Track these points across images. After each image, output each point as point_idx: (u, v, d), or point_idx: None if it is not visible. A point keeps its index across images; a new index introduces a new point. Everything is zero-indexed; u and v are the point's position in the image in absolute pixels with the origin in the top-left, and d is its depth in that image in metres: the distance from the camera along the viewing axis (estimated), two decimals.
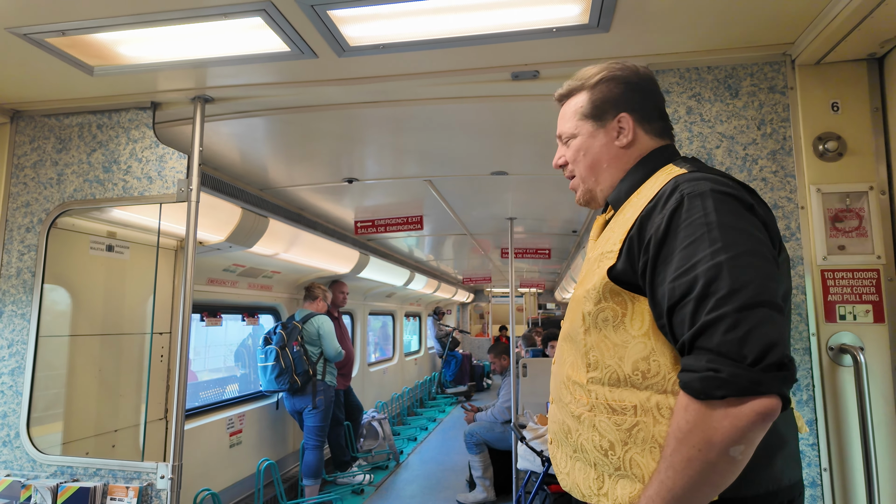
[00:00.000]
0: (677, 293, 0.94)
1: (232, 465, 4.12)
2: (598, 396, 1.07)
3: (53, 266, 2.25)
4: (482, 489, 4.74)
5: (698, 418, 0.88)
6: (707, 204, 0.96)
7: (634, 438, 1.01)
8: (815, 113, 1.69)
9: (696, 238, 0.94)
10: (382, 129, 2.50)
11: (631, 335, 1.04)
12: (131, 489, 1.87)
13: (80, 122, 2.19)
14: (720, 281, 0.90)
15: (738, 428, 0.85)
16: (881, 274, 1.59)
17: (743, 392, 0.85)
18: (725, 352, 0.86)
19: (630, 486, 1.02)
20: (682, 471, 0.89)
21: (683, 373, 0.92)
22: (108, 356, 2.76)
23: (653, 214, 1.02)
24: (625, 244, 1.05)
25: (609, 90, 1.20)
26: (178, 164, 2.07)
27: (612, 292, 1.05)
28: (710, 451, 0.87)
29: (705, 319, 0.89)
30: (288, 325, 4.59)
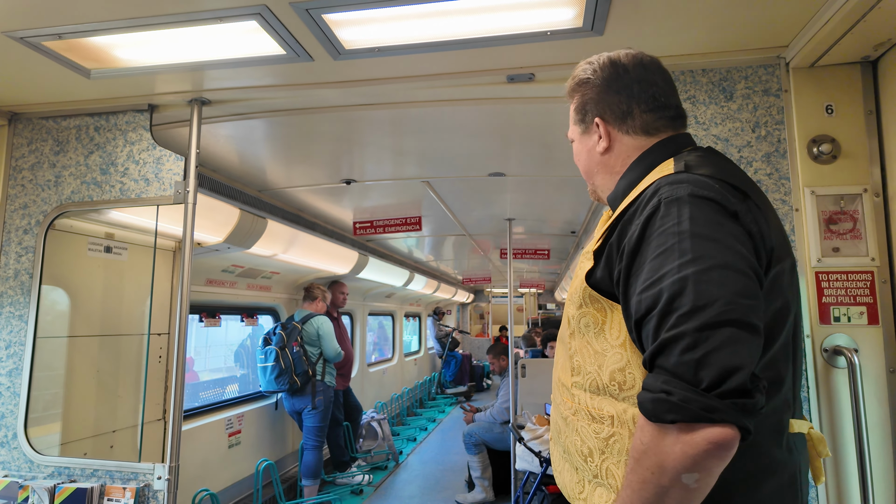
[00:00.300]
0: (643, 307, 0.88)
1: (231, 465, 4.12)
2: (581, 402, 1.04)
3: (52, 267, 2.26)
4: (481, 489, 4.75)
5: (652, 441, 0.83)
6: (682, 211, 0.89)
7: (611, 449, 0.97)
8: (809, 115, 1.69)
9: (666, 249, 0.88)
10: (380, 130, 2.51)
11: (610, 344, 0.99)
12: (128, 490, 1.88)
13: (77, 124, 2.19)
14: (683, 297, 0.83)
15: (689, 455, 0.79)
16: (875, 276, 1.60)
17: (693, 418, 0.78)
18: (680, 374, 0.80)
19: (606, 495, 0.98)
20: (637, 491, 0.85)
21: (642, 392, 0.86)
22: (106, 357, 2.76)
23: (633, 220, 0.96)
24: (604, 249, 1.00)
25: (583, 94, 1.16)
26: (175, 167, 2.08)
27: (591, 298, 1.01)
28: (663, 476, 0.81)
29: (664, 337, 0.83)
30: (287, 326, 4.60)
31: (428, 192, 3.57)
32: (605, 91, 1.12)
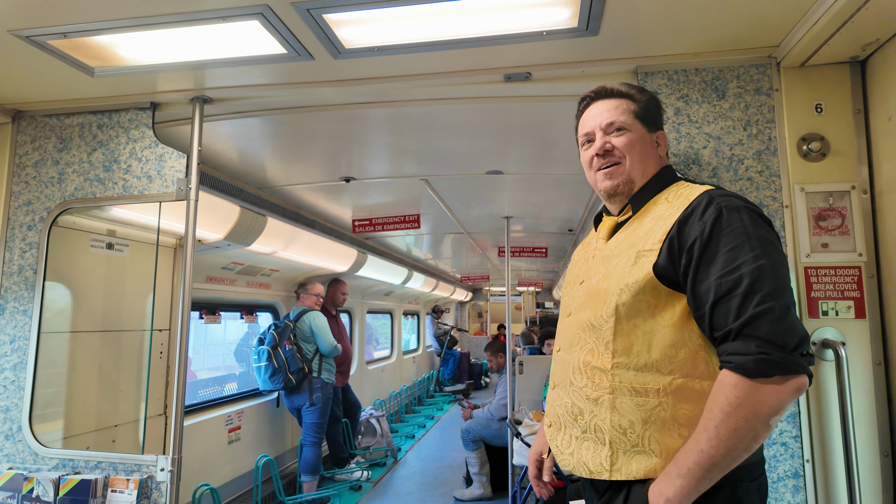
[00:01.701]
0: (724, 288, 1.10)
1: (230, 461, 4.16)
2: (622, 380, 1.20)
3: (54, 263, 2.28)
4: (479, 485, 4.79)
5: (748, 394, 1.04)
6: (743, 217, 1.15)
7: (655, 418, 1.16)
8: (799, 114, 1.73)
9: (739, 244, 1.12)
10: (379, 129, 2.54)
11: (661, 325, 1.19)
12: (132, 481, 1.91)
13: (80, 122, 2.22)
14: (763, 280, 1.08)
15: (781, 401, 1.04)
16: (863, 271, 1.64)
17: (788, 371, 1.04)
18: (772, 339, 1.05)
19: (646, 461, 1.16)
20: (726, 440, 1.05)
21: (733, 356, 1.07)
22: (108, 352, 2.80)
23: (691, 220, 1.19)
24: (664, 244, 1.20)
25: (656, 108, 1.42)
26: (177, 164, 2.11)
27: (651, 286, 1.19)
28: (756, 421, 1.04)
29: (754, 311, 1.06)
30: (279, 325, 4.61)
31: (426, 190, 3.60)
32: (660, 114, 1.44)
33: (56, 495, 1.92)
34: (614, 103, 1.38)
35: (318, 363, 4.69)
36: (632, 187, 1.35)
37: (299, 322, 4.65)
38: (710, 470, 1.07)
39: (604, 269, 1.30)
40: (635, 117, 1.36)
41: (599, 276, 1.30)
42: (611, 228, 1.39)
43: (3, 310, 2.15)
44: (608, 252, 1.33)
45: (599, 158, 1.37)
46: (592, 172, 1.40)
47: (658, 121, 1.42)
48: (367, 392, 7.15)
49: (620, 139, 1.35)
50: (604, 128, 1.36)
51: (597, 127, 1.37)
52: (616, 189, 1.35)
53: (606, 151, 1.35)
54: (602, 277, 1.29)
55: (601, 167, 1.37)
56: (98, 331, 2.74)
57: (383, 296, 8.34)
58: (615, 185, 1.35)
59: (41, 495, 1.93)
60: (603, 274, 1.29)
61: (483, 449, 4.81)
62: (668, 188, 1.33)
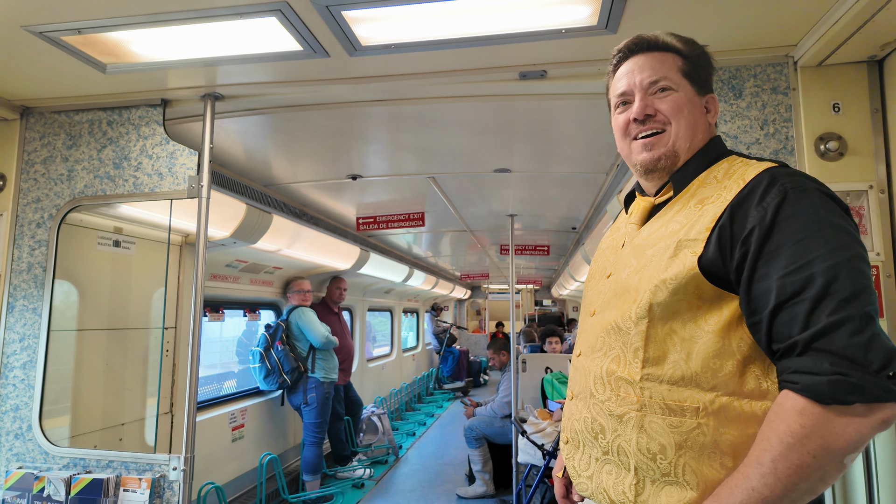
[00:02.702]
0: (789, 290, 0.89)
1: (234, 459, 4.15)
2: (653, 395, 1.01)
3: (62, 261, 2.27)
4: (482, 483, 4.80)
5: (818, 424, 0.83)
6: (815, 202, 0.93)
7: (692, 443, 0.96)
8: (816, 113, 1.73)
9: (809, 235, 0.90)
10: (387, 126, 2.53)
11: (704, 330, 0.99)
12: (144, 480, 1.90)
13: (90, 118, 2.20)
14: (840, 282, 0.86)
15: (862, 435, 0.83)
16: (881, 271, 1.64)
17: (874, 399, 0.82)
18: (851, 356, 0.83)
19: (679, 494, 0.97)
20: (786, 478, 0.84)
21: (799, 374, 0.87)
22: (114, 350, 2.78)
23: (747, 205, 0.97)
24: (713, 233, 0.98)
25: (707, 65, 1.17)
26: (188, 161, 2.09)
27: (695, 285, 0.99)
28: (826, 458, 0.83)
29: (828, 321, 0.85)
30: (271, 326, 4.59)
31: (432, 188, 3.59)
32: (711, 74, 1.19)
33: (67, 495, 1.91)
34: (658, 57, 1.13)
35: (313, 361, 4.67)
36: (675, 161, 1.12)
37: (289, 321, 4.63)
38: None
39: (636, 262, 1.09)
40: (683, 75, 1.12)
41: (630, 270, 1.10)
42: (645, 212, 1.17)
43: (13, 308, 2.13)
44: (642, 241, 1.12)
45: (638, 124, 1.13)
46: (627, 142, 1.16)
47: (709, 81, 1.17)
48: (368, 390, 7.15)
49: (666, 102, 1.11)
50: (645, 87, 1.12)
51: (636, 85, 1.13)
52: (656, 164, 1.12)
53: (648, 116, 1.12)
54: (633, 271, 1.08)
55: (640, 135, 1.13)
56: (105, 329, 2.72)
57: (383, 293, 8.33)
58: (655, 158, 1.12)
59: (52, 495, 1.92)
60: (635, 267, 1.09)
61: (486, 447, 4.82)
62: (717, 164, 1.10)
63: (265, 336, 4.50)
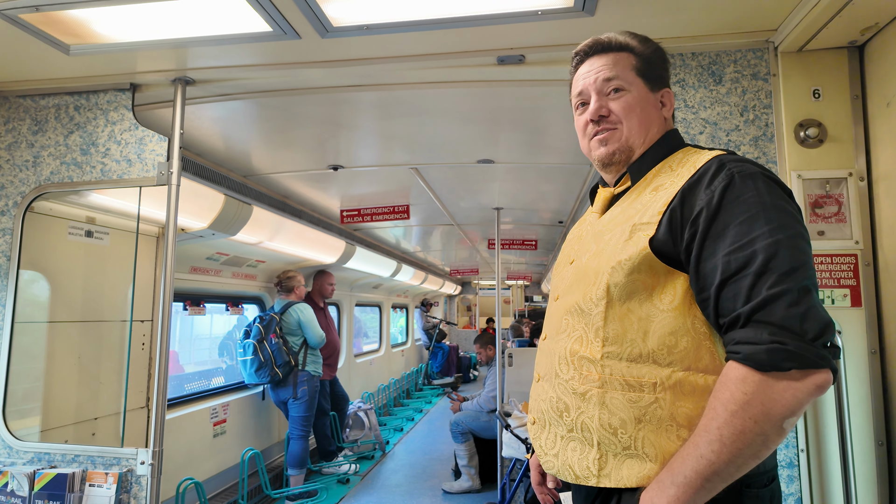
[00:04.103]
0: (733, 267, 0.95)
1: (216, 454, 4.09)
2: (614, 372, 1.05)
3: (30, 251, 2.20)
4: (467, 477, 4.77)
5: (758, 390, 0.89)
6: (759, 185, 0.99)
7: (650, 417, 1.01)
8: (796, 100, 1.70)
9: (752, 215, 0.96)
10: (368, 114, 2.48)
11: (659, 309, 1.03)
12: (111, 475, 1.85)
13: (56, 103, 2.14)
14: (779, 258, 0.92)
15: (798, 400, 0.88)
16: (859, 259, 1.62)
17: (808, 365, 0.88)
18: (788, 326, 0.89)
19: (639, 466, 1.02)
20: (730, 444, 0.90)
21: (741, 345, 0.92)
22: (87, 343, 2.71)
23: (697, 189, 1.02)
24: (664, 216, 1.04)
25: (661, 61, 1.22)
26: (158, 147, 2.04)
27: (648, 264, 1.04)
28: (767, 423, 0.89)
29: (767, 294, 0.90)
30: (265, 318, 4.53)
31: (416, 180, 3.55)
32: (666, 69, 1.24)
33: (31, 490, 1.85)
34: (612, 58, 1.19)
35: (304, 356, 4.63)
36: (630, 155, 1.18)
37: (285, 315, 4.57)
38: (709, 479, 0.92)
39: (595, 246, 1.15)
40: (637, 74, 1.18)
41: (590, 254, 1.15)
42: (606, 201, 1.23)
43: None
44: (601, 227, 1.18)
45: (594, 125, 1.19)
46: (587, 140, 1.23)
47: (664, 76, 1.23)
48: (356, 385, 7.10)
49: (618, 102, 1.17)
50: (598, 88, 1.18)
51: (591, 87, 1.19)
52: (611, 158, 1.19)
53: (602, 117, 1.18)
54: (593, 255, 1.14)
55: (595, 134, 1.20)
56: (77, 321, 2.65)
57: (372, 289, 8.28)
58: (610, 153, 1.18)
59: (15, 490, 1.86)
60: (594, 251, 1.14)
61: (472, 441, 4.80)
62: (672, 155, 1.16)
63: (259, 328, 4.43)
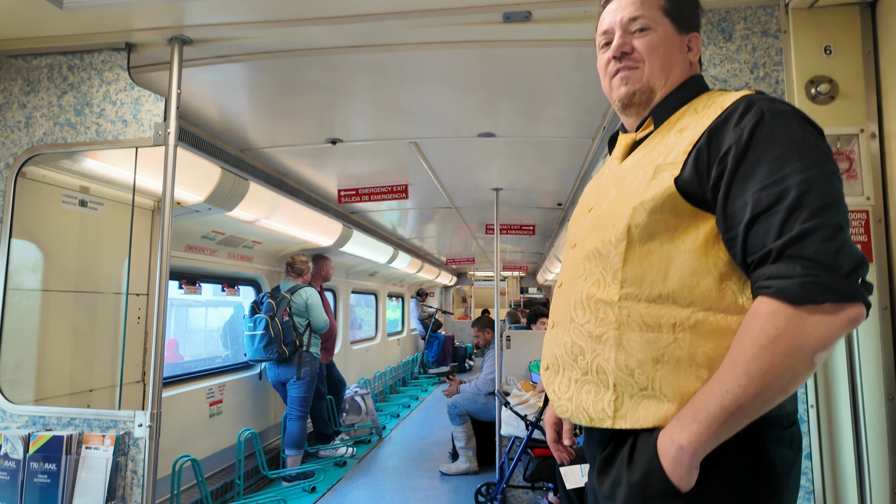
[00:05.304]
0: (764, 202, 0.93)
1: (212, 434, 4.06)
2: (632, 313, 1.03)
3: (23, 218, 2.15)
4: (465, 459, 4.77)
5: (790, 324, 0.87)
6: (790, 123, 0.97)
7: (668, 357, 1.00)
8: (807, 57, 1.68)
9: (784, 152, 0.94)
10: (367, 80, 2.43)
11: (681, 250, 1.02)
12: (108, 437, 1.81)
13: (49, 63, 2.08)
14: (813, 194, 0.90)
15: (831, 333, 0.87)
16: (870, 215, 1.60)
17: (842, 299, 0.86)
18: (822, 260, 0.87)
19: (656, 407, 1.00)
20: (758, 378, 0.88)
21: (773, 279, 0.90)
22: (82, 314, 2.67)
23: (724, 128, 1.00)
24: (690, 155, 1.02)
25: (691, 5, 1.20)
26: (154, 107, 1.99)
27: (672, 204, 1.02)
28: (797, 357, 0.87)
29: (801, 228, 0.89)
30: (276, 296, 4.54)
31: (415, 157, 3.51)
32: (696, 13, 1.21)
33: (26, 452, 1.81)
34: None
35: (308, 338, 4.65)
36: (651, 97, 1.16)
37: (294, 296, 4.60)
38: (734, 414, 0.90)
39: (616, 191, 1.12)
40: (664, 14, 1.15)
41: (610, 199, 1.12)
42: (627, 147, 1.21)
43: None
44: (622, 173, 1.15)
45: (615, 62, 1.16)
46: (608, 79, 1.20)
47: (693, 20, 1.20)
48: (352, 372, 7.08)
49: (642, 40, 1.14)
50: (624, 25, 1.15)
51: (616, 24, 1.16)
52: (632, 98, 1.16)
53: (624, 54, 1.15)
54: (613, 200, 1.11)
55: (616, 72, 1.17)
56: (71, 291, 2.60)
57: (368, 276, 8.24)
58: (630, 92, 1.15)
59: (10, 453, 1.82)
60: (614, 196, 1.12)
61: (469, 423, 4.79)
62: (697, 98, 1.13)
63: (271, 303, 4.44)
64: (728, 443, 0.94)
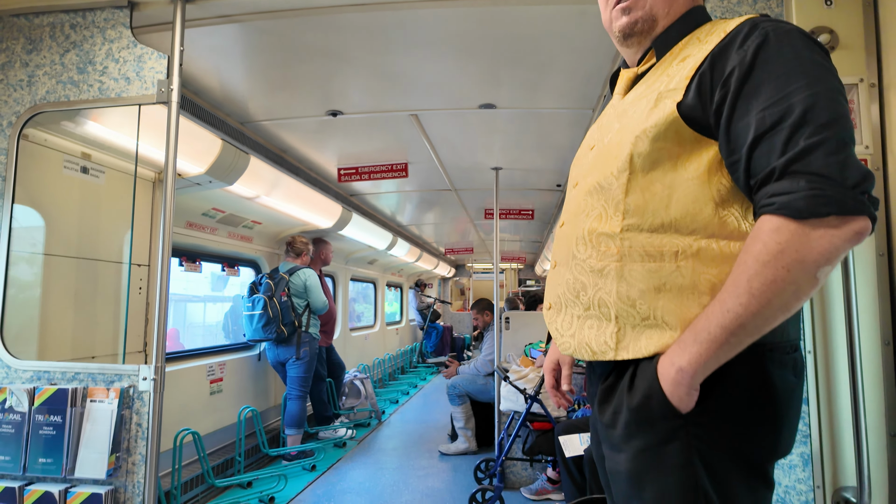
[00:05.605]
0: (768, 122, 0.91)
1: (213, 412, 4.07)
2: (633, 244, 1.03)
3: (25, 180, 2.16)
4: (464, 439, 4.79)
5: (793, 238, 0.86)
6: (795, 42, 0.94)
7: (670, 285, 0.99)
8: (808, 7, 1.69)
9: (788, 71, 0.92)
10: (367, 44, 2.43)
11: (683, 178, 1.01)
12: (112, 390, 1.82)
13: (51, 21, 2.08)
14: (818, 110, 0.88)
15: (835, 246, 0.85)
16: (869, 163, 1.62)
17: (848, 210, 0.84)
18: (828, 174, 0.85)
19: (658, 335, 0.99)
20: (759, 295, 0.87)
21: (776, 196, 0.88)
22: (83, 281, 2.67)
23: (728, 50, 0.98)
24: (693, 80, 1.00)
25: None
26: (157, 65, 1.99)
27: (674, 131, 1.01)
28: (800, 272, 0.85)
29: (806, 143, 0.87)
30: (275, 276, 4.55)
31: (415, 132, 3.52)
32: None
33: (31, 405, 1.82)
34: None
35: (307, 319, 4.67)
36: (652, 26, 1.14)
37: (293, 277, 4.61)
38: (734, 333, 0.89)
39: (618, 125, 1.11)
40: None
41: (613, 133, 1.11)
42: (629, 82, 1.19)
43: None
44: (624, 107, 1.14)
45: None
46: (608, 10, 1.18)
47: None
48: (351, 358, 7.10)
49: None
50: None
51: None
52: (633, 28, 1.14)
53: None
54: (615, 133, 1.10)
55: (618, 2, 1.15)
56: (73, 257, 2.61)
57: (367, 263, 8.26)
58: (632, 21, 1.14)
59: (14, 406, 1.83)
60: (617, 129, 1.10)
61: (468, 404, 4.81)
62: (700, 27, 1.11)
63: (269, 284, 4.46)
64: (729, 366, 0.93)
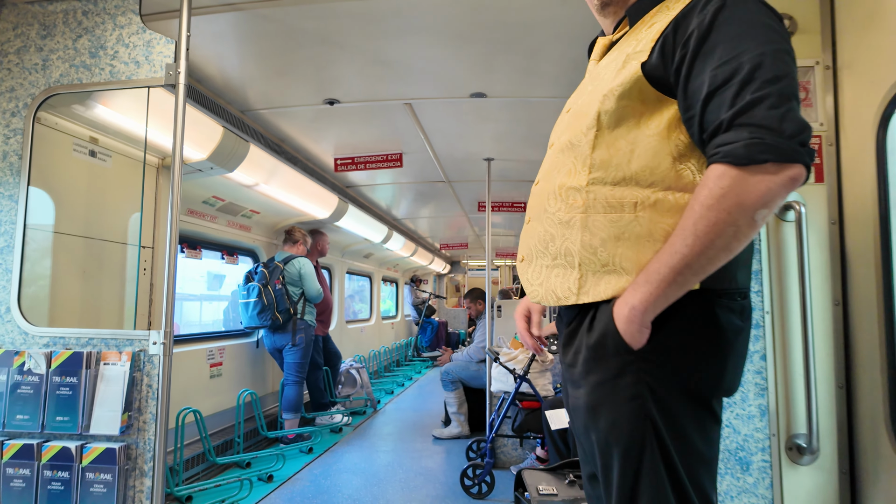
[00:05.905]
0: (719, 79, 0.98)
1: (213, 395, 4.19)
2: (598, 196, 1.11)
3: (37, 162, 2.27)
4: (457, 424, 4.93)
5: (734, 183, 0.94)
6: (751, 7, 1.03)
7: (629, 234, 1.08)
8: None
9: (741, 33, 1.00)
10: (361, 30, 2.53)
11: (645, 134, 1.09)
12: (125, 354, 1.95)
13: (64, 8, 2.21)
14: (764, 68, 0.96)
15: (772, 191, 0.93)
16: (823, 140, 1.76)
17: (784, 158, 0.92)
18: (767, 125, 0.93)
19: (616, 280, 1.09)
20: (703, 236, 0.95)
21: (721, 146, 0.97)
22: (91, 260, 2.79)
23: (690, 15, 1.06)
24: (658, 42, 1.08)
25: None
26: (165, 49, 2.12)
27: (638, 89, 1.09)
28: (739, 213, 0.93)
29: (751, 98, 0.95)
30: (269, 265, 4.68)
31: (410, 121, 3.65)
32: None
33: (48, 368, 1.95)
34: None
35: (303, 306, 4.78)
36: None
37: (288, 265, 4.73)
38: (681, 272, 0.97)
39: (591, 87, 1.20)
40: None
41: (585, 95, 1.20)
42: (604, 48, 1.28)
43: None
44: (598, 71, 1.23)
45: None
46: None
47: None
48: (347, 349, 7.22)
49: None
50: None
51: None
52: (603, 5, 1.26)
53: None
54: (588, 94, 1.19)
55: None
56: (81, 236, 2.73)
57: (363, 257, 8.37)
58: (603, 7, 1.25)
59: (33, 368, 1.95)
60: (589, 91, 1.19)
61: (461, 390, 4.95)
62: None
63: (264, 272, 4.58)
64: (680, 307, 1.03)
